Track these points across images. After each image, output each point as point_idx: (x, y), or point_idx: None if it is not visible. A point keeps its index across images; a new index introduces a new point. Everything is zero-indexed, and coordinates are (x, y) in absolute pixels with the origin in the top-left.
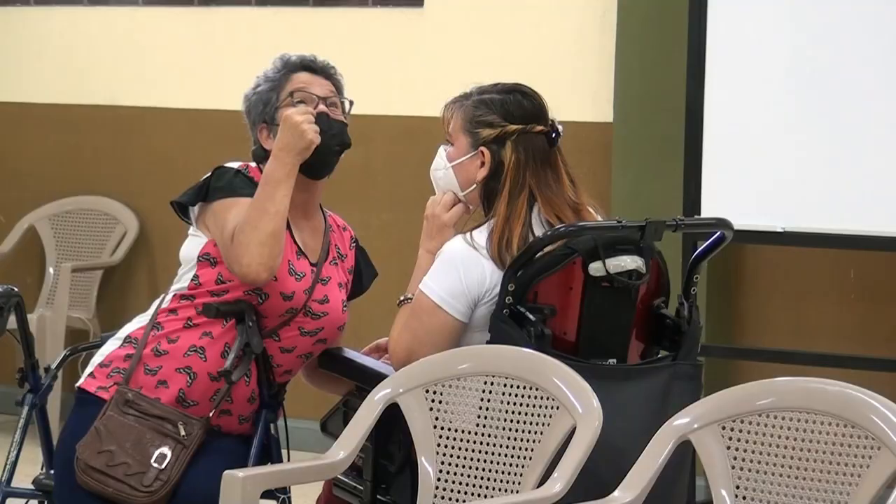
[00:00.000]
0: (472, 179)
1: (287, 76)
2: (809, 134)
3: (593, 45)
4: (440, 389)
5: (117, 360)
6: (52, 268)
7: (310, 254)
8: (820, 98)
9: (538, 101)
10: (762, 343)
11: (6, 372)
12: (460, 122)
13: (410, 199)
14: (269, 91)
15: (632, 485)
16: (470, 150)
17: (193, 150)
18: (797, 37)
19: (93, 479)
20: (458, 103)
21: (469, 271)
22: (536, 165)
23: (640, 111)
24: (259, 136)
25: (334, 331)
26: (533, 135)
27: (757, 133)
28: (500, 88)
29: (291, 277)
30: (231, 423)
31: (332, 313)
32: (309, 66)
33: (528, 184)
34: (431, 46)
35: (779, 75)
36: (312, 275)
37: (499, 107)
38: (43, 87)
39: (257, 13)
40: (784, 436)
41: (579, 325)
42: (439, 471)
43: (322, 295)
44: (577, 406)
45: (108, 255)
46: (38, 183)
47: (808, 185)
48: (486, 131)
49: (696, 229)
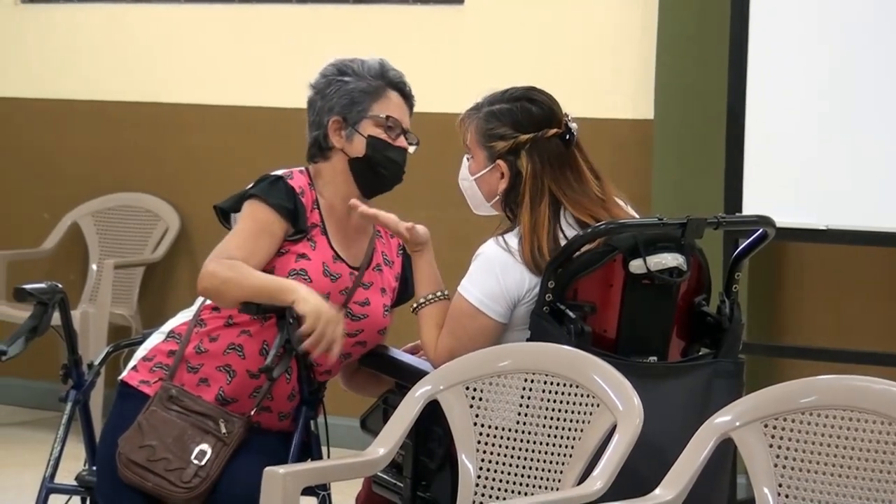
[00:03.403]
0: (495, 191)
1: (383, 89)
2: (852, 130)
3: (634, 41)
4: (480, 387)
5: (160, 355)
6: (95, 264)
7: (351, 259)
8: (863, 94)
9: (548, 104)
10: (804, 341)
11: (50, 368)
12: (475, 136)
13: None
14: (362, 93)
15: (673, 482)
16: (488, 164)
17: (233, 146)
18: (841, 33)
19: (133, 474)
20: (470, 116)
21: (507, 273)
22: (554, 169)
23: (681, 108)
24: (328, 127)
25: (374, 334)
26: (546, 140)
27: (799, 129)
28: (510, 97)
29: (326, 278)
30: (271, 420)
31: (372, 316)
32: (401, 90)
33: (547, 190)
34: (471, 43)
35: (822, 71)
36: (352, 278)
37: (508, 117)
38: (85, 85)
39: (297, 10)
40: (828, 434)
41: (619, 322)
42: (479, 468)
43: (363, 298)
44: (618, 404)
45: (150, 252)
46: (81, 180)
47: (852, 183)
48: (500, 144)
49: (737, 227)
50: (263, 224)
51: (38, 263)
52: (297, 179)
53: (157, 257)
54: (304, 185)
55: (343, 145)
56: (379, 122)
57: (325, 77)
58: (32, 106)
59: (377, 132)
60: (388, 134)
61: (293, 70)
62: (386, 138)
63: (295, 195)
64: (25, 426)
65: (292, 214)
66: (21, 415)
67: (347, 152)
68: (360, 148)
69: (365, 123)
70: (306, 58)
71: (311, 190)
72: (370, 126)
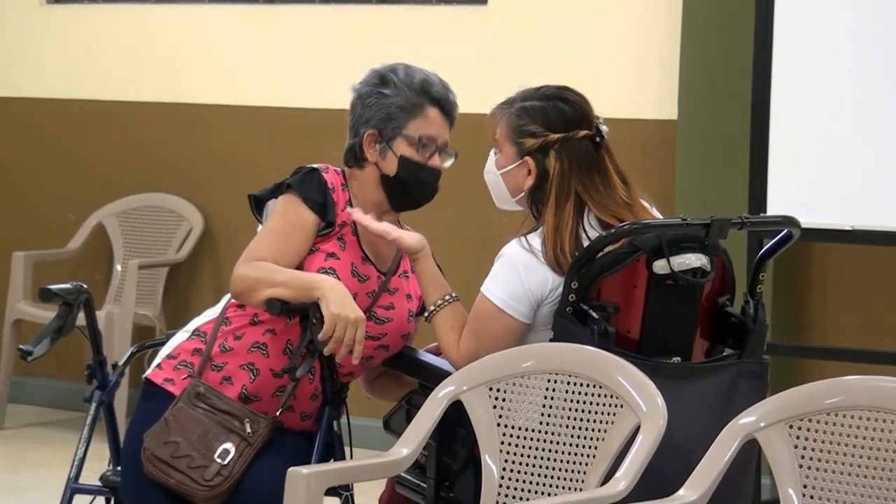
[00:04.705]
0: (521, 187)
1: (421, 106)
2: (878, 130)
3: (657, 42)
4: (504, 387)
5: (185, 353)
6: (120, 265)
7: (380, 263)
8: (889, 94)
9: (580, 105)
10: (829, 342)
11: (75, 369)
12: (505, 131)
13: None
14: (399, 109)
15: (697, 483)
16: (516, 159)
17: (257, 146)
18: (868, 32)
19: (157, 470)
20: (502, 110)
21: (530, 273)
22: (582, 171)
23: (705, 108)
24: (364, 139)
25: (398, 338)
26: (576, 141)
27: (824, 129)
28: (543, 94)
29: (354, 279)
30: (293, 420)
31: (396, 320)
32: (442, 105)
33: (573, 191)
34: (495, 44)
35: (848, 71)
36: (379, 281)
37: (540, 115)
38: (109, 85)
39: (321, 10)
40: (853, 435)
41: (643, 323)
42: (503, 469)
43: (388, 302)
44: (642, 404)
45: (174, 253)
46: (106, 180)
47: (877, 183)
48: (530, 141)
49: (762, 227)
50: (295, 220)
51: (64, 264)
52: (332, 175)
53: (181, 258)
54: (338, 184)
55: (377, 160)
56: (412, 142)
57: (367, 85)
58: (57, 106)
59: (410, 152)
60: (421, 154)
61: (317, 71)
62: (419, 159)
63: (326, 189)
64: (50, 426)
65: (321, 207)
66: (46, 415)
67: (380, 168)
68: (392, 167)
69: (399, 142)
70: (330, 58)
71: (344, 191)
72: (404, 145)
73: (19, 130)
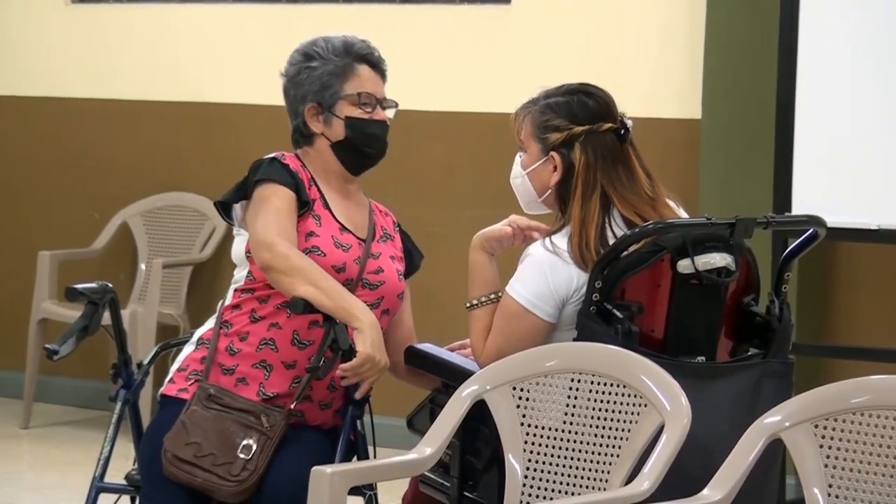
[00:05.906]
0: (547, 185)
1: (351, 66)
2: None
3: (681, 40)
4: (527, 387)
5: (193, 363)
6: (144, 264)
7: (357, 230)
8: None
9: (604, 98)
10: (855, 341)
11: (100, 368)
12: (530, 129)
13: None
14: (330, 76)
15: (721, 483)
16: (541, 156)
17: (280, 146)
18: (891, 29)
19: (181, 471)
20: (526, 110)
21: (556, 273)
22: (607, 164)
23: (729, 107)
24: (306, 115)
25: (394, 299)
26: (601, 133)
27: (850, 128)
28: (566, 90)
29: (338, 249)
30: (312, 410)
31: (388, 282)
32: (369, 61)
33: (599, 184)
34: (518, 43)
35: (873, 69)
36: (361, 248)
37: (564, 109)
38: (133, 84)
39: (344, 10)
40: (879, 434)
41: (667, 322)
42: (526, 468)
43: (375, 266)
44: (666, 404)
45: (198, 252)
46: (130, 180)
47: None
48: (554, 135)
49: (787, 227)
50: (283, 202)
51: (89, 263)
52: (291, 160)
53: (204, 257)
54: (297, 167)
55: (323, 130)
56: (353, 101)
57: (294, 65)
58: (81, 106)
59: (353, 111)
60: (364, 110)
61: None
62: (363, 115)
63: (291, 171)
64: (75, 425)
65: (296, 188)
66: (71, 414)
67: (328, 136)
68: (340, 131)
69: (340, 105)
70: None
71: (305, 170)
72: (346, 106)
73: (44, 130)
